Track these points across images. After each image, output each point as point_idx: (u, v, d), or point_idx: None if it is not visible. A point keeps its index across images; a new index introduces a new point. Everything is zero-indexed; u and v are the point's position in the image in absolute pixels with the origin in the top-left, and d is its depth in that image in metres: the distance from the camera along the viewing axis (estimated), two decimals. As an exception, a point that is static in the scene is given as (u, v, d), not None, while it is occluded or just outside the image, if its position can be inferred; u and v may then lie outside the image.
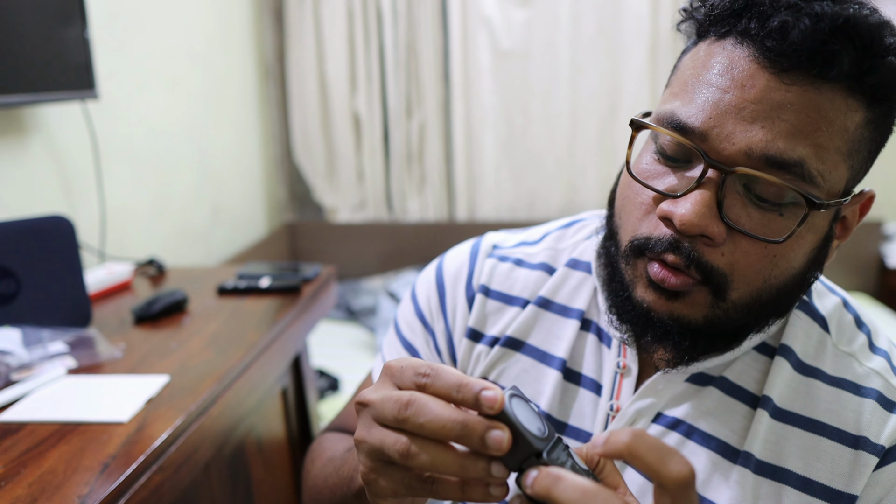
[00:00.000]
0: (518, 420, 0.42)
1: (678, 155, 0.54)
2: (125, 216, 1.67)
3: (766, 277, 0.54)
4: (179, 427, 0.78)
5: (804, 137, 0.50)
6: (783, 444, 0.57)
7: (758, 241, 0.52)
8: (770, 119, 0.50)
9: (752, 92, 0.50)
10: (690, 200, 0.51)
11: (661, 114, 0.55)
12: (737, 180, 0.52)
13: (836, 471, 0.56)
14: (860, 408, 0.57)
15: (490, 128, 2.63)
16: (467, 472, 0.42)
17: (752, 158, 0.50)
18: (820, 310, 0.62)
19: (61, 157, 1.45)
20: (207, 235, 2.12)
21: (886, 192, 2.52)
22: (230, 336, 1.04)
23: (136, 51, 1.74)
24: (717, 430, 0.59)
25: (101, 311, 1.17)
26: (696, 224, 0.51)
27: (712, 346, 0.57)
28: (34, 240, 1.02)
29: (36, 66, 1.21)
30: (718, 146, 0.51)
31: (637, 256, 0.56)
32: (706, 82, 0.53)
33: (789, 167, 0.50)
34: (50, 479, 0.66)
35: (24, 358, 0.89)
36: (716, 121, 0.51)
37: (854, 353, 0.60)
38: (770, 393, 0.58)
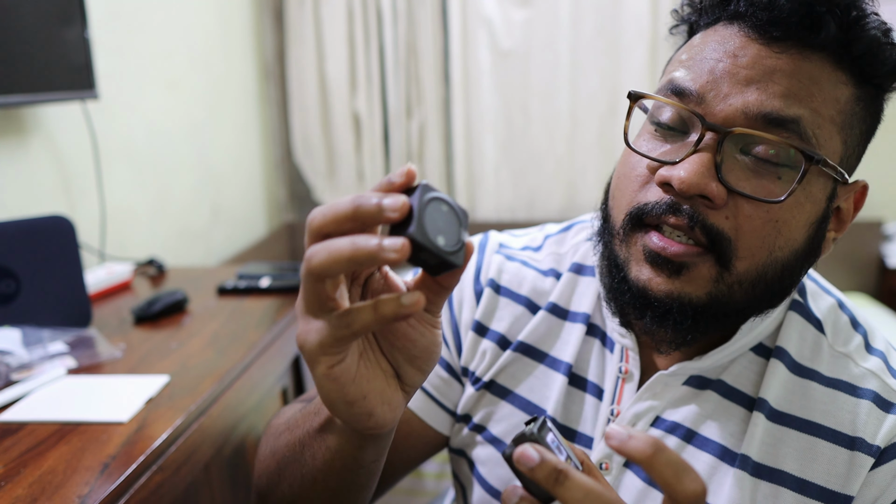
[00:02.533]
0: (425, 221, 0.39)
1: (675, 123, 0.55)
2: (125, 216, 1.67)
3: (770, 248, 0.53)
4: (179, 427, 0.78)
5: (798, 100, 0.51)
6: (780, 446, 0.57)
7: (759, 203, 0.52)
8: (764, 82, 0.51)
9: (744, 60, 0.52)
10: (688, 162, 0.52)
11: (661, 84, 0.57)
12: (734, 143, 0.52)
13: (833, 472, 0.56)
14: (856, 408, 0.57)
15: (490, 128, 2.63)
16: (358, 245, 0.37)
17: (749, 118, 0.51)
18: (815, 311, 0.61)
19: (61, 157, 1.45)
20: (207, 235, 2.12)
21: (886, 192, 2.52)
22: (230, 336, 1.04)
23: (136, 51, 1.74)
24: (715, 433, 0.59)
25: (101, 311, 1.17)
26: (695, 183, 0.51)
27: (714, 326, 0.56)
28: (34, 240, 1.02)
29: (36, 66, 1.21)
30: (715, 108, 0.52)
31: (634, 229, 0.56)
32: (700, 58, 0.55)
33: (786, 124, 0.51)
34: (50, 479, 0.66)
35: (24, 358, 0.89)
36: (711, 84, 0.53)
37: (850, 353, 0.60)
38: (766, 395, 0.58)
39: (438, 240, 0.39)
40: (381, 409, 0.45)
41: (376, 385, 0.45)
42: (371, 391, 0.45)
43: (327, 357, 0.42)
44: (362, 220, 0.38)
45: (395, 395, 0.47)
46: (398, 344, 0.46)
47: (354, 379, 0.43)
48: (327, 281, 0.40)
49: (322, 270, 0.38)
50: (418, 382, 0.48)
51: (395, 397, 0.46)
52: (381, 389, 0.45)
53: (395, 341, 0.46)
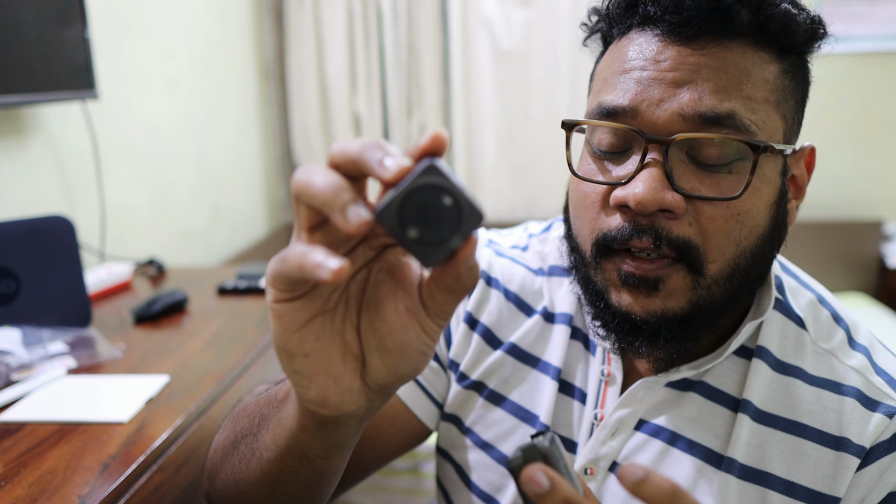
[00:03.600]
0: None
1: (615, 146, 0.55)
2: (125, 216, 1.67)
3: (737, 241, 0.53)
4: (179, 427, 0.78)
5: (729, 92, 0.51)
6: (766, 447, 0.57)
7: (718, 203, 0.52)
8: (692, 81, 0.51)
9: (667, 63, 0.52)
10: (640, 179, 0.52)
11: (589, 111, 0.57)
12: (679, 149, 0.52)
13: (819, 473, 0.55)
14: (840, 407, 0.56)
15: (490, 128, 2.63)
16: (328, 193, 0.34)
17: (687, 121, 0.51)
18: (795, 308, 0.61)
19: (61, 157, 1.45)
20: (207, 235, 2.12)
21: (886, 192, 2.52)
22: (230, 336, 1.04)
23: (136, 51, 1.74)
24: (700, 436, 0.59)
25: (101, 311, 1.17)
26: (651, 199, 0.51)
27: (704, 330, 0.56)
28: (34, 240, 1.02)
29: (36, 66, 1.21)
30: (651, 118, 0.52)
31: (604, 257, 0.56)
32: (622, 71, 0.54)
33: (723, 121, 0.51)
34: (50, 479, 0.66)
35: (24, 358, 0.89)
36: (642, 95, 0.52)
37: (833, 350, 0.59)
38: (750, 396, 0.58)
39: (409, 231, 0.35)
40: (324, 380, 0.40)
41: (327, 351, 0.40)
42: (316, 353, 0.40)
43: (275, 289, 0.39)
44: (362, 167, 0.35)
45: (348, 377, 0.41)
46: (376, 325, 0.41)
47: (301, 329, 0.39)
48: (303, 207, 0.37)
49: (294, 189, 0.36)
50: (383, 381, 0.42)
51: (346, 378, 0.41)
52: (330, 359, 0.40)
53: (375, 320, 0.41)
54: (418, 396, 0.70)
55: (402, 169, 0.35)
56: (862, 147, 2.51)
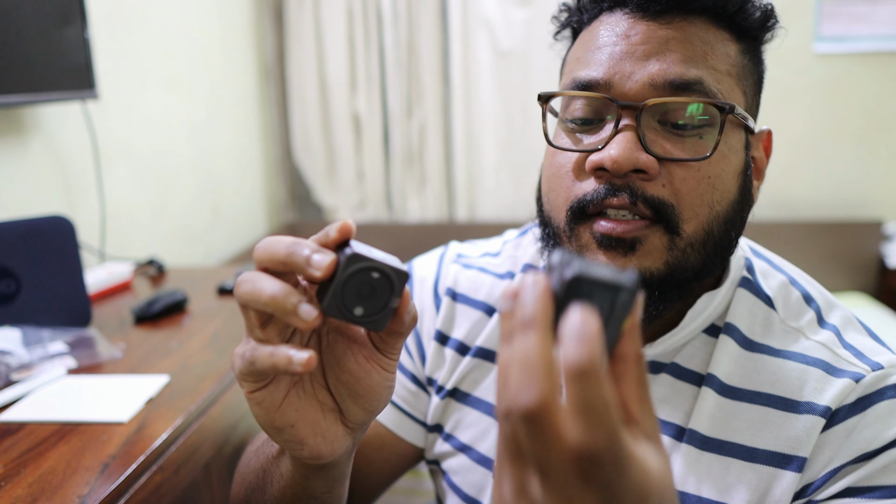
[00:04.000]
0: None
1: (589, 114, 0.57)
2: (125, 216, 1.67)
3: (710, 204, 0.55)
4: (179, 427, 0.78)
5: (696, 62, 0.54)
6: (731, 419, 0.57)
7: (689, 164, 0.54)
8: (661, 53, 0.54)
9: (637, 38, 0.55)
10: (614, 143, 0.54)
11: (564, 85, 0.60)
12: (650, 116, 0.55)
13: (783, 436, 0.55)
14: (805, 376, 0.57)
15: (490, 128, 2.63)
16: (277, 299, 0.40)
17: (657, 88, 0.54)
18: (765, 289, 0.62)
19: (61, 157, 1.45)
20: (207, 235, 2.12)
21: (886, 192, 2.52)
22: (230, 336, 1.04)
23: (136, 51, 1.74)
24: (670, 415, 0.59)
25: (101, 311, 1.17)
26: (627, 158, 0.53)
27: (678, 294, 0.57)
28: (34, 240, 1.02)
29: (36, 66, 1.21)
30: (624, 88, 0.55)
31: (579, 221, 0.57)
32: (595, 48, 0.57)
33: (691, 86, 0.54)
34: (50, 479, 0.66)
35: (24, 358, 0.89)
36: (614, 68, 0.55)
37: (801, 328, 0.60)
38: (715, 370, 0.58)
39: (356, 310, 0.41)
40: (314, 440, 0.46)
41: (308, 416, 0.46)
42: (300, 421, 0.45)
43: (247, 383, 0.44)
44: (291, 268, 0.41)
45: (333, 429, 0.47)
46: (343, 378, 0.46)
47: (280, 407, 0.45)
48: (251, 312, 0.42)
49: (242, 300, 0.41)
50: (361, 421, 0.48)
51: (331, 430, 0.47)
52: (313, 421, 0.46)
53: (341, 374, 0.47)
54: (402, 421, 0.73)
55: (329, 265, 0.40)
56: (862, 147, 2.51)
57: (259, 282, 0.41)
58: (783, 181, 2.59)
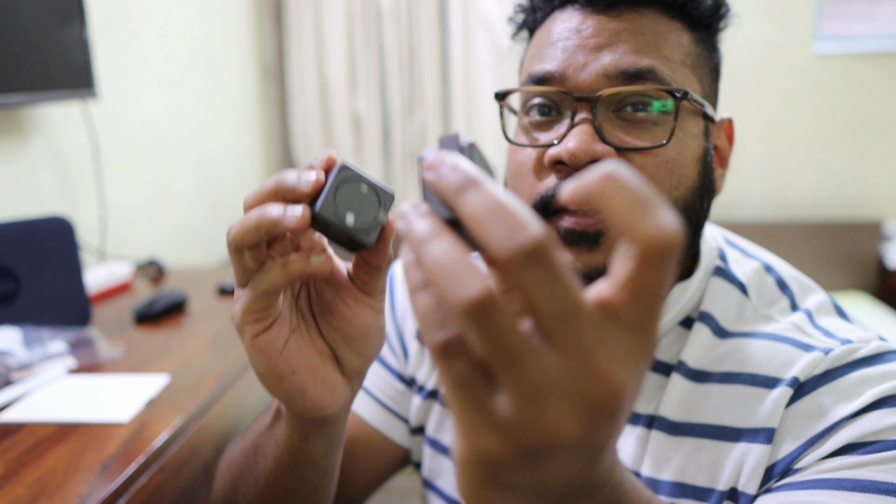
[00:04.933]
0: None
1: (545, 110, 0.58)
2: (125, 216, 1.67)
3: (668, 190, 0.55)
4: (179, 427, 0.78)
5: (648, 52, 0.55)
6: (701, 402, 0.57)
7: (647, 152, 0.55)
8: (612, 44, 0.55)
9: (588, 31, 0.56)
10: (571, 135, 0.54)
11: (521, 82, 0.61)
12: (605, 106, 0.55)
13: (752, 411, 0.55)
14: (773, 352, 0.56)
15: (490, 128, 2.63)
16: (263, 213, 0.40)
17: (610, 78, 0.54)
18: (738, 276, 0.62)
19: (61, 157, 1.45)
20: (207, 235, 2.12)
21: (886, 192, 2.52)
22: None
23: (136, 51, 1.74)
24: (644, 406, 0.59)
25: (101, 311, 1.17)
26: (584, 149, 0.53)
27: None
28: (34, 240, 1.02)
29: (35, 65, 1.21)
30: (578, 80, 0.55)
31: (544, 218, 0.57)
32: (549, 44, 0.58)
33: (644, 74, 0.54)
34: (50, 479, 0.66)
35: (24, 358, 0.89)
36: (567, 61, 0.56)
37: (772, 314, 0.59)
38: (685, 356, 0.58)
39: (347, 217, 0.41)
40: (315, 387, 0.46)
41: (308, 361, 0.46)
42: (301, 367, 0.45)
43: (250, 325, 0.44)
44: (282, 195, 0.41)
45: (333, 377, 0.47)
46: (335, 324, 0.47)
47: (282, 352, 0.45)
48: (245, 252, 0.42)
49: (236, 240, 0.41)
50: (357, 367, 0.48)
51: (331, 378, 0.47)
52: (313, 367, 0.46)
53: (332, 321, 0.47)
54: (388, 420, 0.73)
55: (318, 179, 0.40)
56: (862, 147, 2.51)
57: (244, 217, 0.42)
58: (783, 181, 2.59)
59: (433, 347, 0.27)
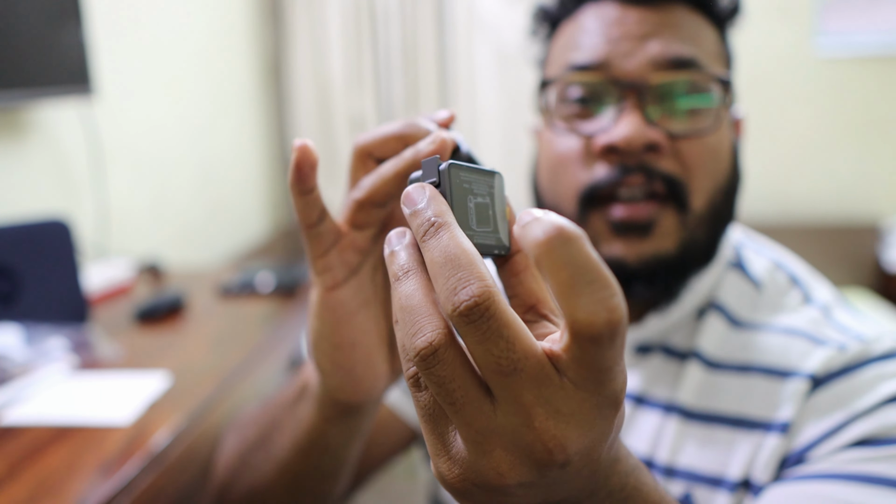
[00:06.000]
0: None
1: (588, 96, 0.58)
2: (125, 216, 1.67)
3: (713, 177, 0.56)
4: (179, 427, 0.78)
5: (690, 42, 0.56)
6: (717, 392, 0.57)
7: (695, 139, 0.55)
8: (657, 33, 0.56)
9: (631, 23, 0.56)
10: (623, 122, 0.54)
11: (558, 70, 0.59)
12: (653, 94, 0.55)
13: (768, 402, 0.55)
14: (788, 345, 0.57)
15: (490, 128, 2.63)
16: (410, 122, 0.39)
17: (658, 66, 0.55)
18: (753, 271, 0.62)
19: (61, 156, 1.45)
20: (207, 235, 2.12)
21: (885, 192, 2.52)
22: (230, 336, 1.04)
23: (136, 50, 1.74)
24: (659, 392, 0.60)
25: (101, 311, 1.17)
26: (639, 135, 0.53)
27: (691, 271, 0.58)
28: (32, 241, 1.01)
29: (35, 64, 1.21)
30: (624, 67, 0.55)
31: (590, 208, 0.56)
32: (587, 33, 0.58)
33: (689, 64, 0.55)
34: (49, 480, 0.65)
35: (24, 358, 0.89)
36: (612, 49, 0.56)
37: (787, 307, 0.60)
38: (701, 345, 0.59)
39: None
40: (364, 370, 0.43)
41: (368, 341, 0.43)
42: (361, 343, 0.42)
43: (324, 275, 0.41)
44: (407, 139, 0.38)
45: (381, 365, 0.44)
46: None
47: (350, 320, 0.41)
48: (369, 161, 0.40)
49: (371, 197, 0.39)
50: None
51: (380, 365, 0.44)
52: (370, 348, 0.43)
53: None
54: (402, 398, 0.72)
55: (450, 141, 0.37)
56: (862, 147, 2.51)
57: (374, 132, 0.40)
58: (783, 181, 2.59)
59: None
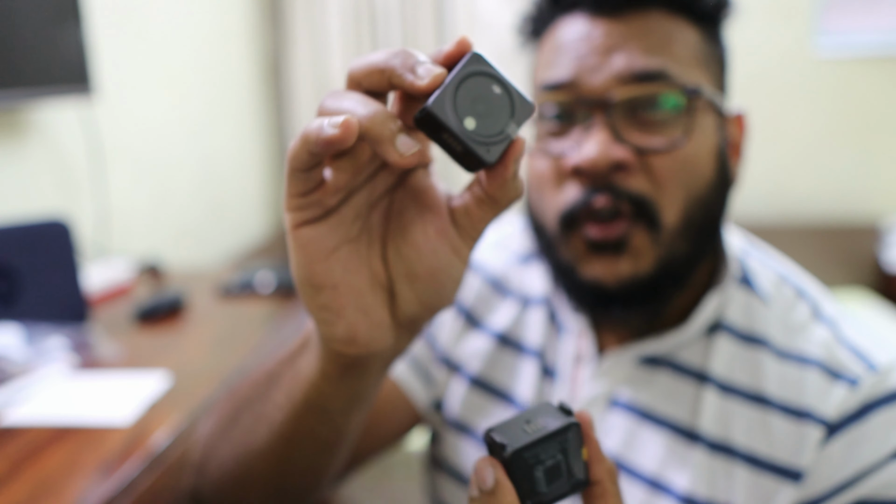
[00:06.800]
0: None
1: (561, 116, 0.58)
2: (125, 216, 1.67)
3: (686, 189, 0.55)
4: (179, 427, 0.78)
5: (658, 52, 0.55)
6: (729, 419, 0.57)
7: (665, 153, 0.55)
8: (622, 47, 0.55)
9: (597, 37, 0.56)
10: (589, 142, 0.54)
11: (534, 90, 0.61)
12: (620, 110, 0.55)
13: (782, 445, 0.55)
14: (804, 379, 0.56)
15: (490, 128, 2.63)
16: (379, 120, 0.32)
17: (623, 82, 0.54)
18: (758, 285, 0.62)
19: (61, 157, 1.45)
20: (208, 235, 2.12)
21: (885, 192, 2.52)
22: (230, 336, 1.04)
23: (136, 50, 1.74)
24: (670, 411, 0.59)
25: (101, 311, 1.17)
26: (604, 154, 0.53)
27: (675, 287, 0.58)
28: (32, 241, 1.01)
29: (34, 64, 1.21)
30: (590, 83, 0.55)
31: (570, 228, 0.57)
32: (558, 51, 0.58)
33: (655, 76, 0.54)
34: (50, 480, 0.65)
35: (24, 358, 0.89)
36: (578, 67, 0.56)
37: (798, 324, 0.60)
38: (714, 368, 0.58)
39: (466, 121, 0.32)
40: (354, 314, 0.38)
41: (355, 282, 0.37)
42: (345, 284, 0.37)
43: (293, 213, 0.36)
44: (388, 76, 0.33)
45: (378, 311, 0.38)
46: (404, 251, 0.38)
47: (328, 258, 0.37)
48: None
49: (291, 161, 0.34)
50: (412, 313, 0.39)
51: (376, 311, 0.38)
52: (359, 290, 0.38)
53: (402, 247, 0.38)
54: (413, 378, 0.70)
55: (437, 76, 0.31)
56: (861, 148, 2.51)
57: (350, 98, 0.33)
58: (783, 181, 2.59)
59: None
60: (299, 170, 0.34)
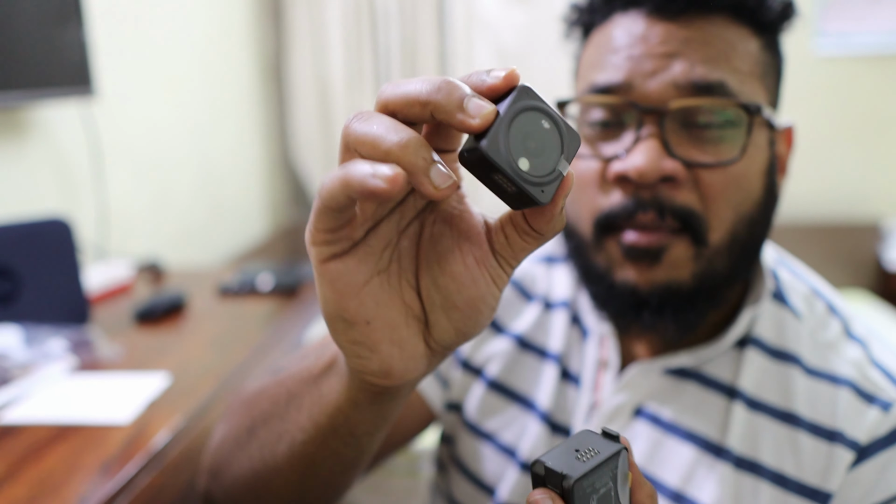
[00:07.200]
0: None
1: (610, 118, 0.55)
2: (125, 216, 1.67)
3: (736, 207, 0.54)
4: (179, 427, 0.78)
5: (719, 63, 0.52)
6: (758, 436, 0.56)
7: (716, 168, 0.53)
8: (682, 53, 0.52)
9: (656, 40, 0.53)
10: (639, 150, 0.52)
11: (581, 90, 0.57)
12: (674, 119, 0.53)
13: (811, 466, 0.54)
14: (835, 399, 0.55)
15: (490, 128, 2.63)
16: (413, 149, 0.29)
17: (680, 91, 0.52)
18: (791, 299, 0.61)
19: (61, 156, 1.45)
20: (208, 235, 2.12)
21: (885, 192, 2.52)
22: (230, 336, 1.04)
23: (136, 51, 1.74)
24: (697, 425, 0.58)
25: (101, 311, 1.17)
26: (653, 167, 0.51)
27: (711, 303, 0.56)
28: (32, 241, 1.02)
29: (35, 64, 1.21)
30: (645, 90, 0.53)
31: (606, 234, 0.55)
32: (611, 50, 0.55)
33: (714, 89, 0.52)
34: (50, 480, 0.66)
35: (24, 358, 0.89)
36: (634, 70, 0.53)
37: (829, 341, 0.58)
38: (743, 384, 0.57)
39: (520, 162, 0.30)
40: (389, 348, 0.36)
41: (389, 315, 0.35)
42: (379, 319, 0.35)
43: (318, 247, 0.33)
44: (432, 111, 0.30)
45: (413, 342, 0.36)
46: (441, 282, 0.36)
47: (359, 292, 0.34)
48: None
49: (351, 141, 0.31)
50: (448, 342, 0.37)
51: (411, 343, 0.36)
52: (393, 324, 0.36)
53: (440, 277, 0.36)
54: (430, 381, 0.68)
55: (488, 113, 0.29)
56: (862, 147, 2.51)
57: (381, 122, 0.30)
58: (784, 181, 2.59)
59: None
60: (333, 210, 0.31)
